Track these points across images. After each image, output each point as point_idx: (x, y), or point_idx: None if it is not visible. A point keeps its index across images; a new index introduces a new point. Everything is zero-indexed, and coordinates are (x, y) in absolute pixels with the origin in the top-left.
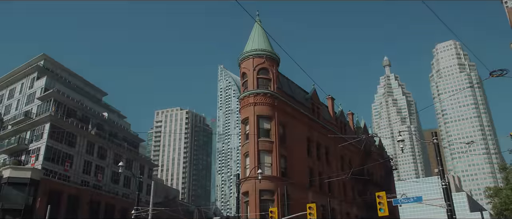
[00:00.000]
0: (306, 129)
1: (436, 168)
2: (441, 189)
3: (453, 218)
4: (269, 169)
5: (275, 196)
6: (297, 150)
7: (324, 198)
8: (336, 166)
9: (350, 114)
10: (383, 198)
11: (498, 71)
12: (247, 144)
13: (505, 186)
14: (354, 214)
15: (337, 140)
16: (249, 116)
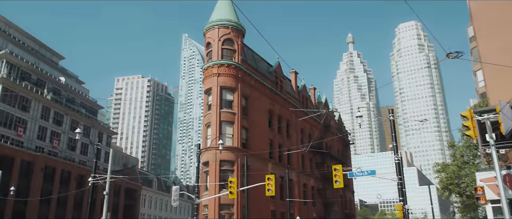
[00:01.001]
0: (268, 102)
1: (391, 143)
2: (394, 163)
3: (403, 191)
4: (230, 140)
5: (235, 166)
6: (258, 122)
7: (283, 170)
8: (296, 139)
9: (312, 88)
10: (339, 171)
11: (454, 53)
12: (209, 115)
13: (452, 162)
14: (311, 185)
15: (298, 113)
16: (212, 87)
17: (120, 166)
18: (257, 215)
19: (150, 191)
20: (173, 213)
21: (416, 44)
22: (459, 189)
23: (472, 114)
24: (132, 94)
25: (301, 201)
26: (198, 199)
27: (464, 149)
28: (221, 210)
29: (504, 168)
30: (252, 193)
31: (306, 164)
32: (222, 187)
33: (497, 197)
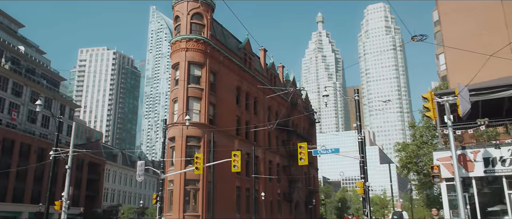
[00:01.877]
0: (236, 78)
1: (355, 123)
2: (357, 142)
3: (365, 169)
4: (197, 116)
5: (202, 142)
6: (226, 98)
7: (249, 147)
8: (263, 116)
9: (281, 67)
10: (304, 149)
11: (419, 36)
12: (176, 90)
13: (411, 142)
14: (276, 162)
15: (266, 91)
16: (180, 62)
17: (83, 140)
18: (222, 190)
19: (115, 166)
20: (138, 188)
21: (383, 26)
22: (417, 167)
23: (433, 96)
24: (96, 67)
25: (266, 178)
26: (163, 174)
27: (424, 129)
28: (186, 186)
29: (459, 148)
30: (218, 169)
31: (272, 141)
32: (188, 163)
33: (451, 176)
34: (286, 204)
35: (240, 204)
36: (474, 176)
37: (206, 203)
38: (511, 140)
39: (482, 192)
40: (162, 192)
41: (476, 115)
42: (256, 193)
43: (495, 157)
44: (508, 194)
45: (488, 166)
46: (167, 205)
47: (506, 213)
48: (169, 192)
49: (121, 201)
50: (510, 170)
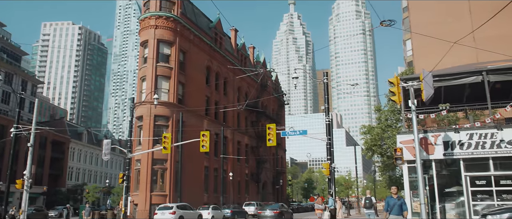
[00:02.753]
0: (206, 58)
1: (323, 105)
2: (324, 124)
3: (331, 151)
4: (166, 95)
5: (170, 122)
6: (196, 78)
7: (218, 127)
8: (232, 96)
9: (251, 48)
10: (272, 130)
11: (387, 21)
12: (144, 68)
13: (377, 125)
14: (245, 143)
15: (236, 71)
16: (149, 39)
17: (46, 118)
18: (190, 170)
19: (80, 144)
20: (104, 167)
21: (353, 10)
22: (381, 150)
23: (398, 81)
24: (61, 42)
25: (234, 158)
26: (130, 153)
27: (389, 113)
28: (154, 165)
29: (421, 132)
30: (186, 149)
31: (241, 122)
32: (156, 142)
33: (413, 158)
34: (254, 184)
35: (208, 184)
36: (434, 158)
37: (173, 183)
38: (470, 125)
39: (441, 174)
40: (128, 171)
41: (438, 100)
42: (224, 173)
43: (454, 141)
44: (465, 176)
45: (447, 149)
46: (134, 184)
47: (462, 194)
48: (136, 172)
49: (86, 180)
50: (467, 153)
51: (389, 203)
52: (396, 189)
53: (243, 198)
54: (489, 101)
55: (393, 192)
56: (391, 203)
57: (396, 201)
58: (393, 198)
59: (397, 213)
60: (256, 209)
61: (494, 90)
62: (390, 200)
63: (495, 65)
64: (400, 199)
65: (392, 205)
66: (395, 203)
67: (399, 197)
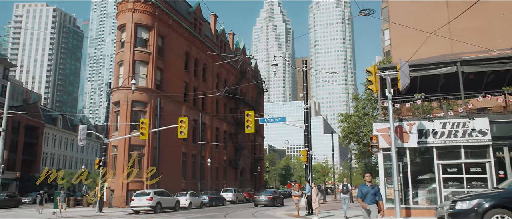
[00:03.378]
0: (185, 44)
1: (302, 93)
2: (303, 112)
3: (309, 138)
4: (144, 80)
5: (148, 107)
6: (174, 63)
7: (197, 113)
8: (211, 83)
9: (231, 34)
10: (251, 117)
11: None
12: (122, 53)
13: (354, 114)
14: (223, 129)
15: (215, 58)
16: (127, 23)
17: (19, 102)
18: (168, 156)
19: (54, 130)
20: (80, 152)
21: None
22: (357, 137)
23: (376, 70)
24: (34, 24)
25: (213, 145)
26: (107, 139)
27: (366, 102)
28: (131, 151)
29: (397, 120)
30: (164, 135)
31: (220, 109)
32: (133, 128)
33: (388, 146)
34: (232, 170)
35: (186, 170)
36: (408, 146)
37: None
38: (443, 114)
39: (414, 162)
40: (105, 157)
41: (414, 89)
42: (202, 159)
43: (428, 130)
44: (437, 164)
45: (421, 138)
46: (110, 170)
47: (434, 181)
48: (112, 158)
49: (61, 166)
50: (440, 142)
51: (362, 191)
52: (370, 176)
53: (221, 185)
54: (462, 91)
55: (367, 179)
56: (364, 191)
57: (369, 189)
58: (367, 186)
59: (370, 202)
60: (234, 195)
61: (468, 81)
62: (363, 188)
63: (469, 56)
64: (374, 187)
65: (365, 193)
66: (368, 191)
67: (373, 185)
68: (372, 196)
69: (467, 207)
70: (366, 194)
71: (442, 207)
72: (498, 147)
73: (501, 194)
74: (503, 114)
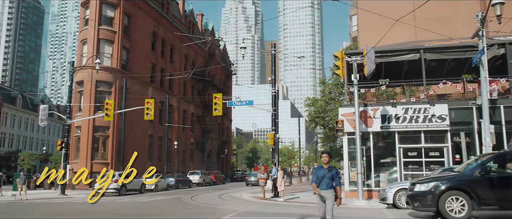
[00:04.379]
0: (153, 23)
1: (270, 77)
2: (271, 95)
3: (276, 122)
4: (109, 60)
5: (113, 88)
6: (141, 43)
7: (164, 95)
8: (179, 64)
9: (200, 15)
10: (219, 99)
11: None
12: (86, 31)
13: (321, 98)
14: (191, 111)
15: (183, 39)
16: (91, 0)
17: None
18: (134, 138)
19: (13, 109)
20: (41, 133)
21: None
22: (323, 122)
23: (343, 55)
24: None
25: (180, 127)
26: (70, 120)
27: (333, 86)
28: (95, 132)
29: (362, 105)
30: (130, 117)
31: (188, 91)
32: (97, 109)
33: (353, 130)
34: (199, 153)
35: (152, 152)
36: (372, 131)
37: (116, 151)
38: (406, 100)
39: (377, 146)
40: (68, 138)
41: (379, 75)
42: (169, 141)
43: (391, 115)
44: (398, 147)
45: (384, 123)
46: (73, 152)
47: (395, 164)
48: (75, 139)
49: (21, 147)
50: (402, 126)
51: (317, 175)
52: (328, 157)
53: (187, 167)
54: (424, 78)
55: (324, 161)
56: (320, 174)
57: (325, 173)
58: (323, 168)
59: (327, 187)
60: (200, 178)
61: (430, 68)
62: (319, 171)
63: (432, 44)
64: (332, 169)
65: (321, 177)
66: (324, 174)
67: (330, 167)
68: (329, 180)
69: (425, 189)
70: (322, 178)
71: (384, 189)
72: (456, 132)
73: (456, 177)
74: (461, 101)
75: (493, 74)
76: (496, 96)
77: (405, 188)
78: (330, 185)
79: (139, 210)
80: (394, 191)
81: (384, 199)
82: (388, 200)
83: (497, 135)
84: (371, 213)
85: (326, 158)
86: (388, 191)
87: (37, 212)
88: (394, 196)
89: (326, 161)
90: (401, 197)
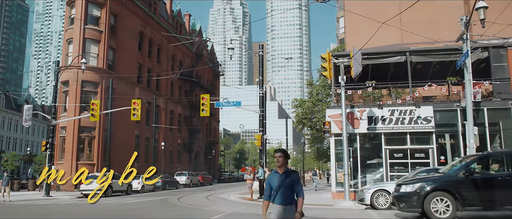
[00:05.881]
0: (140, 23)
1: (258, 78)
2: (258, 97)
3: (264, 123)
4: (95, 60)
5: (99, 88)
6: (127, 43)
7: (151, 95)
8: (166, 65)
9: (187, 15)
10: (206, 100)
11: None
12: (71, 30)
13: (308, 99)
14: (178, 112)
15: (171, 39)
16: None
17: None
18: (120, 139)
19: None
20: (25, 134)
21: None
22: (311, 123)
23: (330, 57)
24: None
25: (167, 127)
26: (55, 120)
27: (320, 88)
28: (81, 133)
29: (349, 107)
30: (116, 117)
31: (175, 91)
32: (83, 109)
33: (340, 131)
34: (186, 154)
35: (139, 153)
36: (359, 132)
37: (102, 152)
38: (392, 102)
39: (364, 147)
40: (52, 139)
41: (366, 77)
42: (156, 142)
43: (378, 116)
44: (385, 149)
45: (371, 124)
46: (58, 153)
47: (382, 165)
48: (60, 139)
49: (4, 148)
50: (388, 128)
51: (271, 185)
52: (282, 157)
53: (175, 168)
54: (410, 80)
55: (278, 163)
56: (274, 183)
57: (282, 179)
58: (277, 174)
59: (285, 202)
60: (188, 179)
61: (416, 70)
62: (273, 179)
63: (417, 47)
64: (291, 174)
65: (276, 188)
66: (281, 183)
67: (288, 171)
68: (288, 190)
69: (411, 190)
70: (278, 189)
71: (362, 190)
72: (441, 134)
73: (441, 178)
74: (446, 103)
75: (477, 77)
76: (480, 98)
77: (382, 189)
78: (290, 199)
79: (125, 211)
80: (371, 192)
81: (362, 200)
82: (366, 201)
83: (480, 137)
84: (358, 214)
85: (281, 159)
86: (366, 192)
87: (21, 214)
88: (372, 197)
89: (281, 163)
90: (379, 197)
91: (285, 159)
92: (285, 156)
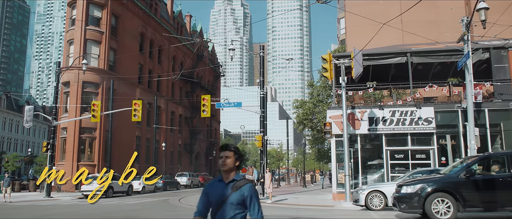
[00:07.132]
0: (141, 24)
1: (258, 78)
2: (259, 97)
3: (264, 123)
4: (96, 60)
5: (100, 89)
6: (128, 44)
7: (152, 96)
8: (167, 66)
9: (188, 16)
10: (207, 101)
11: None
12: (72, 31)
13: (309, 100)
14: (179, 113)
15: (172, 40)
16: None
17: None
18: (121, 140)
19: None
20: (26, 135)
21: None
22: (312, 124)
23: (331, 58)
24: None
25: (168, 128)
26: (55, 121)
27: (321, 89)
28: (81, 134)
29: (349, 107)
30: (117, 118)
31: (176, 92)
32: (84, 110)
33: (340, 132)
34: (187, 155)
35: (139, 154)
36: (360, 133)
37: (103, 152)
38: (393, 103)
39: (365, 148)
40: (53, 140)
41: (366, 78)
42: (157, 143)
43: (378, 117)
44: (386, 150)
45: (372, 125)
46: (59, 153)
47: (382, 166)
48: (61, 140)
49: (5, 149)
50: (389, 129)
51: (210, 197)
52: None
53: (175, 169)
54: (411, 81)
55: (225, 165)
56: (214, 196)
57: (227, 192)
58: (222, 182)
59: None
60: (188, 180)
61: (416, 71)
62: (211, 188)
63: (418, 48)
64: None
65: (215, 202)
66: (223, 198)
67: (239, 179)
68: (231, 210)
69: (411, 191)
70: (220, 204)
71: (357, 191)
72: (441, 135)
73: (442, 179)
74: (447, 104)
75: (478, 78)
76: (481, 99)
77: (377, 190)
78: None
79: (126, 212)
80: (366, 193)
81: (357, 201)
82: (360, 202)
83: (481, 138)
84: (358, 215)
85: (229, 161)
86: (361, 193)
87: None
88: (366, 198)
89: (230, 166)
90: (373, 198)
91: (236, 160)
92: (237, 157)
